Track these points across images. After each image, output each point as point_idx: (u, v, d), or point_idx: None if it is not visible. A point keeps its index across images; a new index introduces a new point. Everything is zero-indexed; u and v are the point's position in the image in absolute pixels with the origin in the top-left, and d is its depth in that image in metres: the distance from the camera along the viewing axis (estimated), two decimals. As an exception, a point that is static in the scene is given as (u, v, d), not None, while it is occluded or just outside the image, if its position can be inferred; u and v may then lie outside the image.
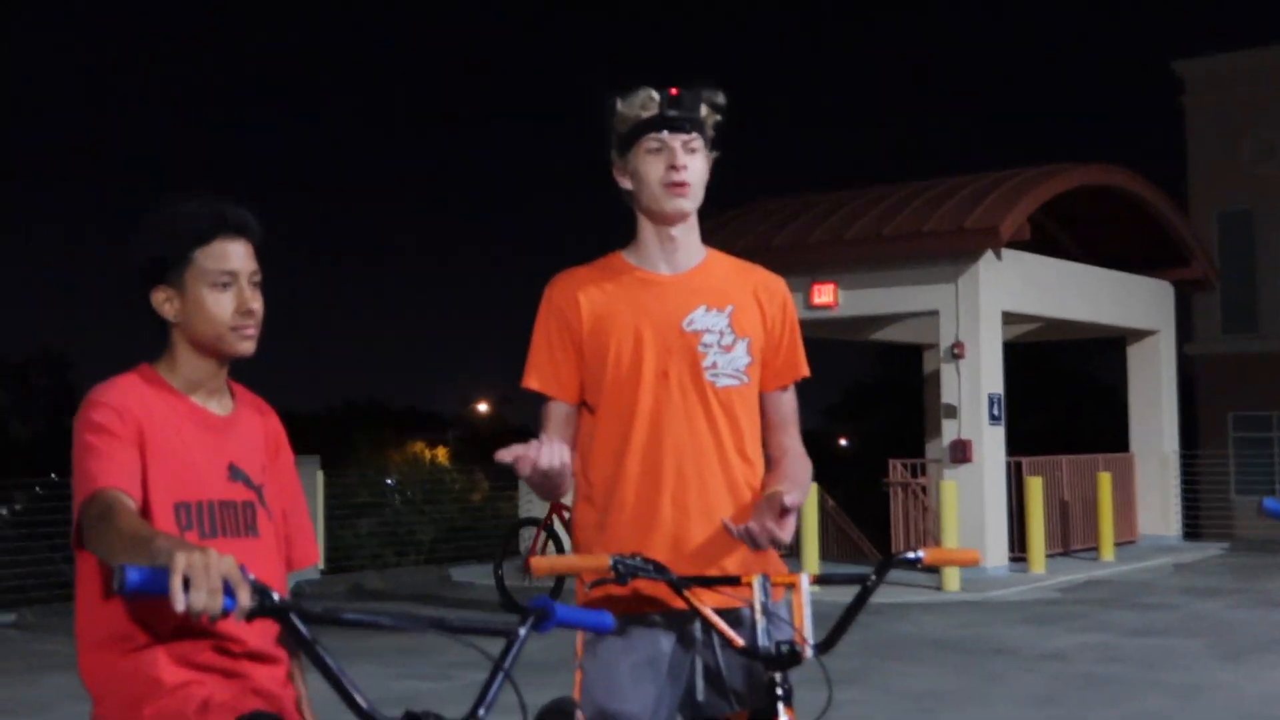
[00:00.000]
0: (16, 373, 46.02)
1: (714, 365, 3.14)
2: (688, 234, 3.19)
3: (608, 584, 2.88)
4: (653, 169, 3.10)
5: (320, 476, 16.91)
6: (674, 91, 3.09)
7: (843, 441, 47.24)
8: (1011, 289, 16.62)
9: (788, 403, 3.30)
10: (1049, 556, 16.86)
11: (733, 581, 2.98)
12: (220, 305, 2.56)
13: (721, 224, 18.02)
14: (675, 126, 3.09)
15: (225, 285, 2.56)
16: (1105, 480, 18.01)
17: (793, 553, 16.99)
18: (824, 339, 20.12)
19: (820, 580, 3.01)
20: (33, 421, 44.00)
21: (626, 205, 3.22)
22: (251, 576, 1.99)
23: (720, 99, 3.16)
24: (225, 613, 1.93)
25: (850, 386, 46.79)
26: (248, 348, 2.61)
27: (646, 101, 3.10)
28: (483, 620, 2.24)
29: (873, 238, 16.50)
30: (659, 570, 2.88)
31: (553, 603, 2.29)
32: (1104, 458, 19.46)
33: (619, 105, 3.13)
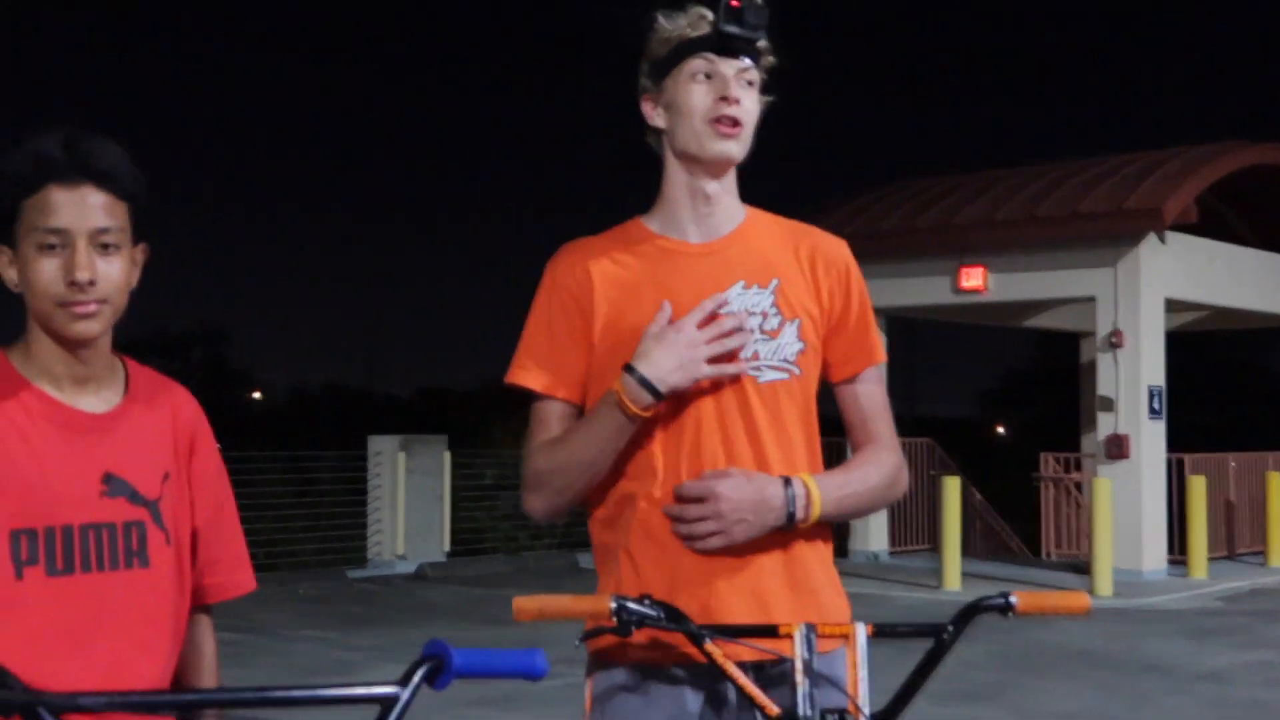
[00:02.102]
0: (176, 345, 46.90)
1: (755, 356, 2.52)
2: (726, 191, 2.57)
3: (611, 632, 2.30)
4: (697, 99, 2.48)
5: (447, 457, 16.60)
6: (735, 3, 2.46)
7: (1000, 430, 45.89)
8: (1175, 275, 15.58)
9: (868, 393, 2.64)
10: (1211, 560, 15.81)
11: (769, 632, 2.37)
12: (44, 273, 1.98)
13: (864, 205, 17.27)
14: (731, 48, 2.48)
15: (52, 247, 1.97)
16: (1276, 480, 16.86)
17: (933, 549, 16.21)
18: (971, 324, 19.23)
19: (881, 633, 2.38)
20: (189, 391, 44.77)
21: (653, 151, 2.61)
22: None
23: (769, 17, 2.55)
24: None
25: (1007, 373, 45.50)
26: (84, 329, 2.00)
27: (696, 20, 2.50)
28: (346, 687, 1.64)
29: (1025, 219, 15.59)
30: (673, 617, 2.29)
31: (448, 648, 1.68)
32: (1274, 455, 18.33)
33: (660, 20, 2.53)
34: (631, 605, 2.26)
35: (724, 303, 2.48)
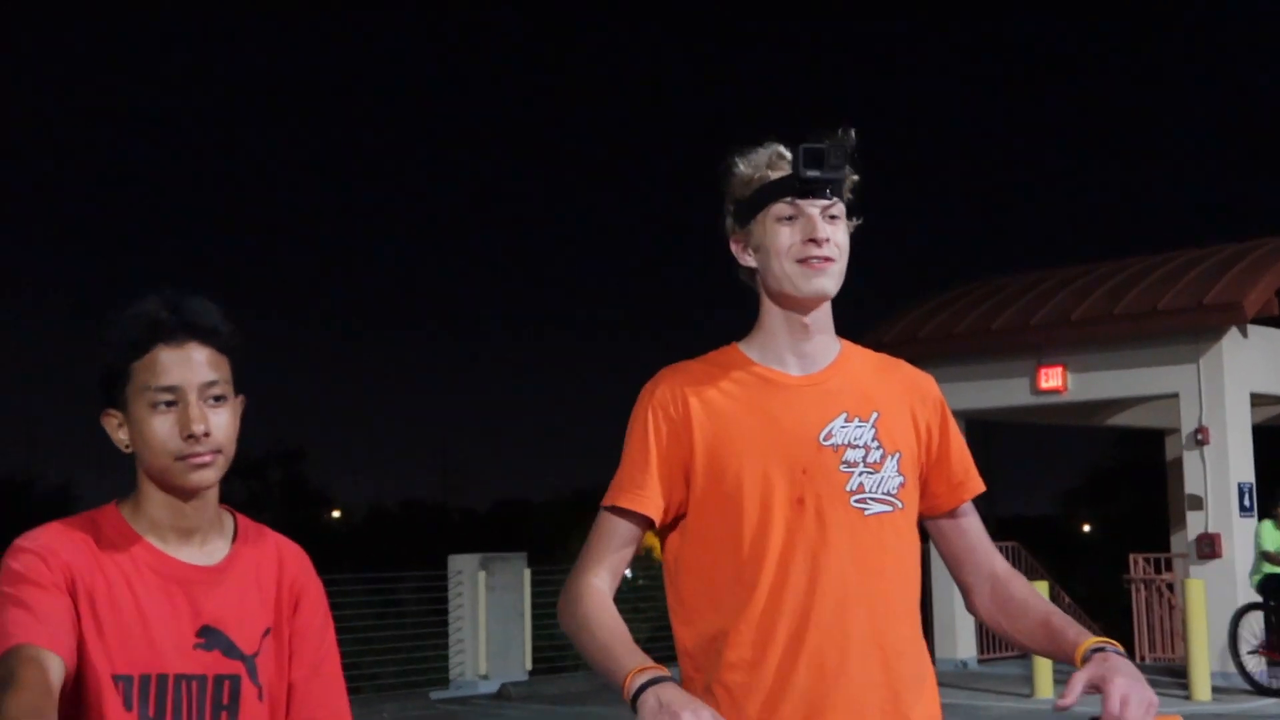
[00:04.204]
0: (255, 468, 47.45)
1: (860, 489, 2.49)
2: (823, 323, 2.57)
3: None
4: (785, 242, 2.49)
5: (527, 574, 16.54)
6: (813, 146, 2.46)
7: (1086, 528, 45.21)
8: (1259, 368, 15.33)
9: (975, 524, 2.66)
10: (1313, 661, 15.34)
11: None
12: (161, 430, 2.06)
13: (938, 307, 17.20)
14: (814, 191, 2.48)
15: (168, 404, 2.06)
16: (1375, 576, 16.37)
17: (1022, 655, 15.87)
18: (1053, 425, 19.00)
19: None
20: (268, 513, 45.34)
21: (745, 287, 2.62)
22: None
23: (854, 151, 2.53)
24: None
25: (1090, 471, 44.84)
26: (202, 478, 2.08)
27: (775, 159, 2.51)
28: None
29: (1103, 317, 15.44)
30: (768, 760, 2.25)
31: None
32: (1373, 550, 17.78)
33: (739, 165, 2.54)
34: (725, 746, 2.22)
35: None
